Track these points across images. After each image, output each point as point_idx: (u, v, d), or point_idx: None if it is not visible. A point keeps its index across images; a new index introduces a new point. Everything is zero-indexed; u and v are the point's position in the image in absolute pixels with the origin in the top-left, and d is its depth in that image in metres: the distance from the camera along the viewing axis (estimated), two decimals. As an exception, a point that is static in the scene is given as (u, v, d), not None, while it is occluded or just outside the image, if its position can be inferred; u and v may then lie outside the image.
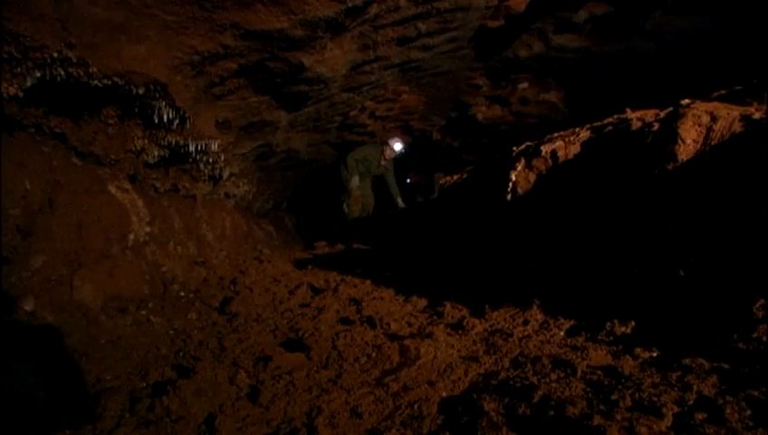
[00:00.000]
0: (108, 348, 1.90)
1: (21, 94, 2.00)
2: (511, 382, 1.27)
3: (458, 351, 1.57)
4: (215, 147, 3.14)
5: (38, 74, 2.00)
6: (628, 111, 2.22)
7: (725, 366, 1.12)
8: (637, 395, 1.07)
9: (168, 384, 1.52)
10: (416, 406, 1.27)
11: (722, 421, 0.93)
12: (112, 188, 2.61)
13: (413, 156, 6.49)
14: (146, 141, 2.81)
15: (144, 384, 1.61)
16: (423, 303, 2.18)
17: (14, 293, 1.87)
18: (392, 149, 6.04)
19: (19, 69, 1.95)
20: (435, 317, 1.95)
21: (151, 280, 2.63)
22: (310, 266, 3.29)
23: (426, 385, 1.38)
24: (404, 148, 6.16)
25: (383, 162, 6.15)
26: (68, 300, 2.06)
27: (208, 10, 2.30)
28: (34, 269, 1.99)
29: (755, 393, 0.98)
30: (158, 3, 2.16)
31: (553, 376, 1.25)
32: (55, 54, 1.97)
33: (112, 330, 2.06)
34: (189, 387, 1.49)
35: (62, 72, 2.06)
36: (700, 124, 1.46)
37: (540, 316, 1.69)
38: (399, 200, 6.29)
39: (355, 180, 6.12)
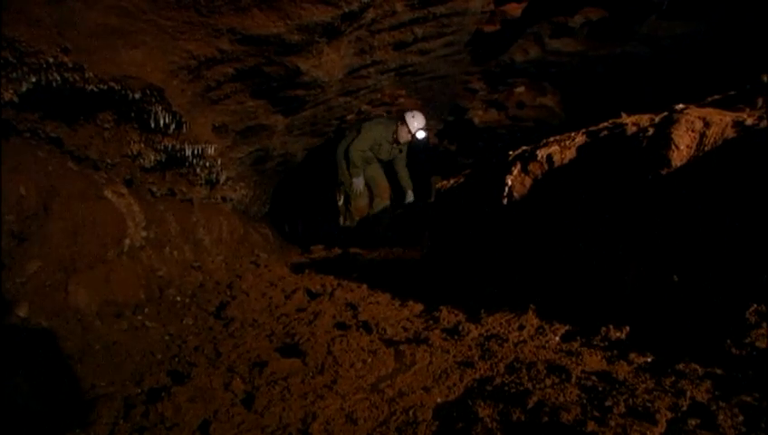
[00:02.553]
0: (103, 354, 1.90)
1: (16, 99, 2.01)
2: (506, 388, 1.27)
3: (454, 356, 1.57)
4: (211, 151, 3.15)
5: (34, 79, 2.00)
6: (624, 115, 2.23)
7: (719, 372, 1.12)
8: (631, 401, 1.07)
9: (162, 391, 1.52)
10: (411, 412, 1.27)
11: (715, 427, 0.93)
12: (108, 193, 2.61)
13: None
14: (142, 146, 2.81)
15: (139, 390, 1.61)
16: (419, 307, 2.18)
17: (8, 298, 1.86)
18: (409, 133, 4.43)
19: (15, 74, 1.95)
20: (431, 322, 1.95)
21: (147, 285, 2.63)
22: (306, 271, 3.29)
23: (421, 391, 1.38)
24: (427, 134, 4.58)
25: (396, 145, 4.64)
26: (63, 305, 2.06)
27: (205, 15, 2.30)
28: (29, 274, 1.99)
29: (748, 399, 0.99)
30: (154, 8, 2.17)
31: (548, 381, 1.25)
32: (51, 59, 1.97)
33: (107, 335, 2.06)
34: (184, 393, 1.49)
35: (58, 77, 2.06)
36: (693, 130, 1.47)
37: (535, 321, 1.70)
38: (410, 193, 5.01)
39: (358, 184, 4.67)
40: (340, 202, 5.04)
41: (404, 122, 4.47)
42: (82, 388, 1.61)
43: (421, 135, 4.46)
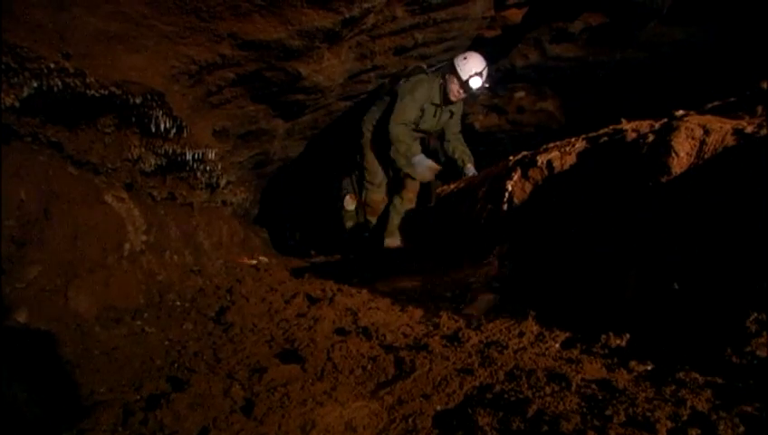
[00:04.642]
0: (102, 360, 1.89)
1: (18, 104, 2.01)
2: (505, 396, 1.26)
3: (453, 363, 1.56)
4: (212, 155, 3.15)
5: (35, 84, 2.00)
6: (624, 121, 2.23)
7: (719, 381, 1.12)
8: (631, 410, 1.06)
9: (161, 397, 1.51)
10: (410, 420, 1.27)
11: (715, 438, 0.93)
12: (108, 198, 2.61)
13: None
14: (143, 150, 2.81)
15: (138, 397, 1.60)
16: (419, 313, 2.17)
17: (8, 303, 1.86)
18: (461, 83, 3.13)
19: (16, 79, 1.95)
20: (431, 328, 1.94)
21: (147, 290, 2.62)
22: (306, 275, 3.29)
23: (420, 398, 1.37)
24: (484, 82, 3.22)
25: (446, 107, 3.38)
26: (62, 311, 2.05)
27: (206, 20, 2.31)
28: (29, 280, 1.98)
29: (749, 409, 0.98)
30: (155, 13, 2.17)
31: (548, 389, 1.25)
32: (52, 65, 1.97)
33: (107, 341, 2.05)
34: (183, 400, 1.48)
35: (59, 83, 2.06)
36: (693, 137, 1.47)
37: (535, 328, 1.69)
38: (470, 167, 3.70)
39: (421, 164, 3.32)
40: (350, 207, 4.00)
41: (454, 70, 3.14)
42: (81, 394, 1.61)
43: (476, 83, 3.10)
